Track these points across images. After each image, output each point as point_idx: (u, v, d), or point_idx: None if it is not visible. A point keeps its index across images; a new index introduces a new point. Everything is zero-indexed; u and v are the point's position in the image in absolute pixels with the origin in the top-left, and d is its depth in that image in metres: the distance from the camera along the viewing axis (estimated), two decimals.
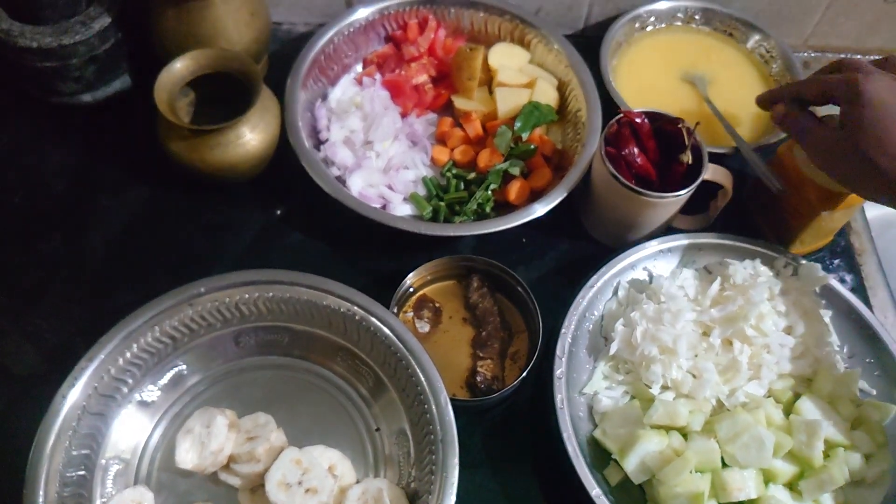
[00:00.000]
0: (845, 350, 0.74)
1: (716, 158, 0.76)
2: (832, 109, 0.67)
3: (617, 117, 0.76)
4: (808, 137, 0.69)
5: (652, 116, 0.76)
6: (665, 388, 0.70)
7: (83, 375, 0.65)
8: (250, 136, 0.77)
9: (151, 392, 0.69)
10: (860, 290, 0.82)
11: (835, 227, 0.80)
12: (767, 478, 0.65)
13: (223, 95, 0.81)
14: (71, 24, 0.80)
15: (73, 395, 0.64)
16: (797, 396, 0.70)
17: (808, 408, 0.68)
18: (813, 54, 1.04)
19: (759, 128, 0.87)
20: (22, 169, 0.85)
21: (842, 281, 0.81)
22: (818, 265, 0.76)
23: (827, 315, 0.74)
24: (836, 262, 0.84)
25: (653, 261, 0.77)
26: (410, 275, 0.74)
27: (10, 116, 0.88)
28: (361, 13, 0.89)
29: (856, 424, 0.69)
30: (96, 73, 0.84)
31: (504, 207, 0.81)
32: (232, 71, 0.79)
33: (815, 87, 0.69)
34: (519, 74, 0.89)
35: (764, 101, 0.75)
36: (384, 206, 0.81)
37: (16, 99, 0.87)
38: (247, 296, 0.70)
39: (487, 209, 0.81)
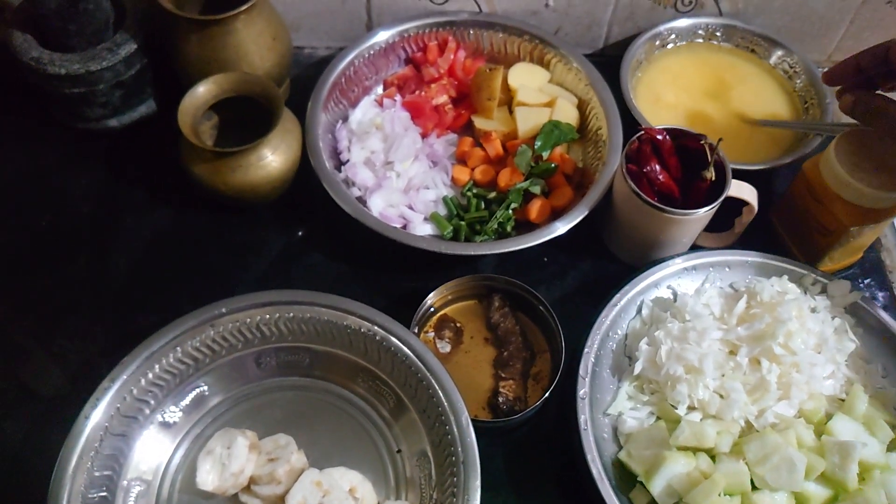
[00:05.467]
0: (879, 369, 0.72)
1: (740, 175, 0.74)
2: None
3: (638, 134, 0.75)
4: (892, 123, 0.63)
5: (674, 133, 0.75)
6: (691, 408, 0.68)
7: (106, 396, 0.65)
8: (272, 158, 0.78)
9: (173, 413, 0.70)
10: (892, 307, 0.80)
11: (864, 244, 0.79)
12: (800, 501, 0.63)
13: (246, 119, 0.82)
14: (98, 51, 0.81)
15: (96, 415, 0.64)
16: (829, 417, 0.68)
17: (841, 429, 0.66)
18: None
19: (784, 144, 0.86)
20: (49, 193, 0.86)
21: (873, 298, 0.79)
22: (848, 282, 0.74)
23: (858, 333, 0.73)
24: (867, 279, 0.82)
25: (677, 279, 0.76)
26: (431, 294, 0.73)
27: (38, 142, 0.90)
28: (381, 36, 0.90)
29: (892, 446, 0.67)
30: (122, 99, 0.86)
31: (525, 226, 0.81)
32: (254, 94, 0.80)
33: (870, 52, 0.63)
34: (539, 94, 0.89)
35: (831, 80, 0.70)
36: (405, 226, 0.81)
37: (43, 125, 0.89)
38: (268, 316, 0.70)
39: (508, 228, 0.80)
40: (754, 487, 0.63)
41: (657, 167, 0.74)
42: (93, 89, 0.82)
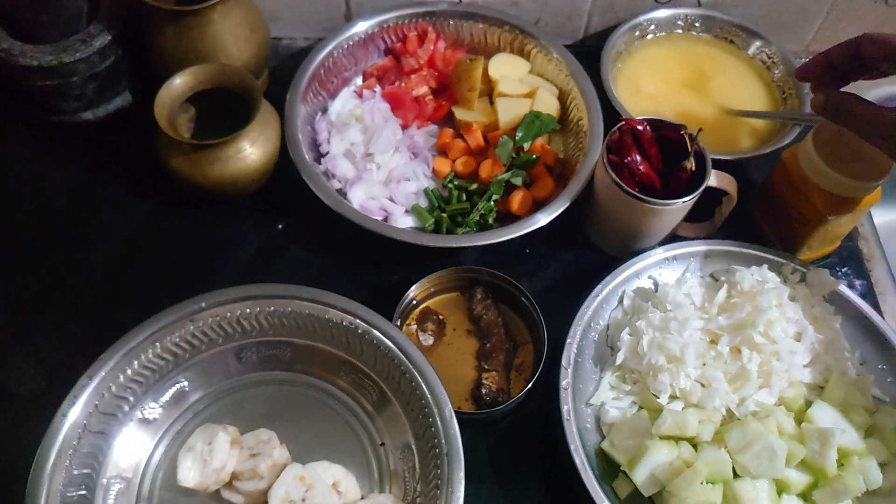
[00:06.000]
0: (857, 356, 0.73)
1: (720, 165, 0.75)
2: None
3: (619, 125, 0.75)
4: (862, 123, 0.62)
5: (654, 124, 0.75)
6: (673, 397, 0.69)
7: (83, 393, 0.64)
8: (250, 151, 0.77)
9: (153, 409, 0.69)
10: (870, 295, 0.81)
11: (842, 233, 0.80)
12: (780, 488, 0.64)
13: (223, 111, 0.81)
14: (71, 43, 0.80)
15: (74, 413, 0.63)
16: (809, 404, 0.68)
17: (820, 416, 0.67)
18: None
19: (764, 134, 0.87)
20: (22, 188, 0.85)
21: (851, 287, 0.80)
22: (826, 271, 0.75)
23: (837, 321, 0.73)
24: (845, 268, 0.83)
25: (658, 269, 0.77)
26: (413, 287, 0.73)
27: (11, 135, 0.88)
28: (360, 27, 0.89)
29: (869, 432, 0.68)
30: (97, 91, 0.84)
31: (507, 218, 0.81)
32: (232, 86, 0.79)
33: (841, 47, 0.63)
34: (519, 85, 0.89)
35: (803, 76, 0.70)
36: (386, 219, 0.81)
37: (16, 118, 0.87)
38: (248, 310, 0.69)
39: (490, 220, 0.80)
40: (736, 475, 0.63)
41: (638, 158, 0.74)
42: (66, 81, 0.81)
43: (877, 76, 0.65)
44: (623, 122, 0.75)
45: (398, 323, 0.71)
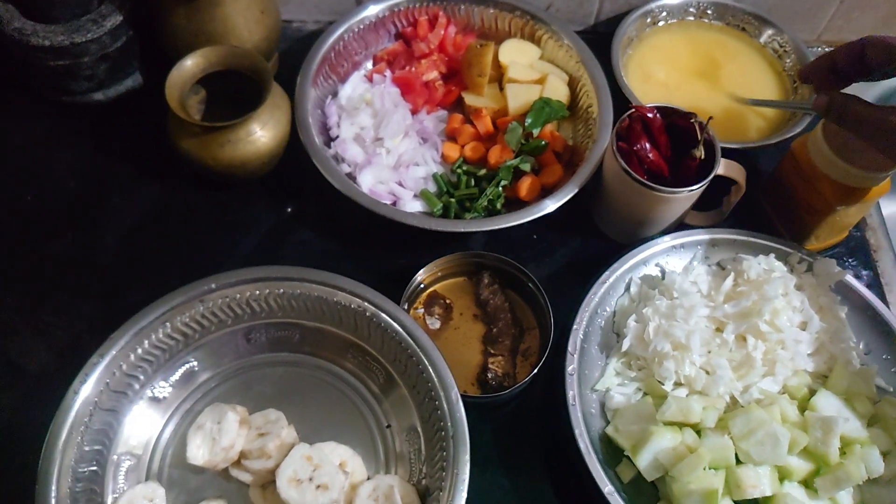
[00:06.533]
0: (861, 346, 0.73)
1: (729, 154, 0.75)
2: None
3: (628, 112, 0.75)
4: (865, 126, 0.63)
5: (664, 111, 0.75)
6: (678, 384, 0.69)
7: (95, 371, 0.65)
8: (261, 134, 0.77)
9: (163, 388, 0.70)
10: (876, 286, 0.81)
11: (850, 223, 0.80)
12: (782, 475, 0.64)
13: (234, 93, 0.81)
14: (83, 23, 0.80)
15: (85, 390, 0.64)
16: (812, 393, 0.69)
17: (823, 404, 0.67)
18: (827, 49, 1.03)
19: (773, 123, 0.87)
20: (34, 168, 0.85)
21: (857, 277, 0.80)
22: (833, 261, 0.75)
23: (842, 311, 0.74)
24: (852, 258, 0.83)
25: (665, 257, 0.77)
26: (421, 271, 0.73)
27: (23, 116, 0.89)
28: (371, 10, 0.89)
29: (872, 422, 0.68)
30: (108, 72, 0.84)
31: (515, 204, 0.81)
32: (242, 68, 0.79)
33: (845, 50, 0.64)
34: (529, 70, 0.88)
35: (806, 78, 0.70)
36: (394, 203, 0.81)
37: (28, 98, 0.88)
38: (257, 292, 0.70)
39: (498, 205, 0.80)
40: (738, 461, 0.64)
41: (647, 145, 0.74)
42: (77, 62, 0.81)
43: (877, 79, 0.65)
44: (633, 110, 0.75)
45: (406, 307, 0.72)
